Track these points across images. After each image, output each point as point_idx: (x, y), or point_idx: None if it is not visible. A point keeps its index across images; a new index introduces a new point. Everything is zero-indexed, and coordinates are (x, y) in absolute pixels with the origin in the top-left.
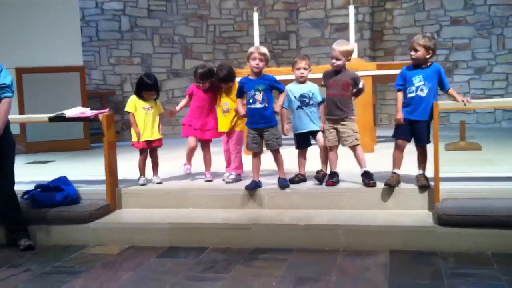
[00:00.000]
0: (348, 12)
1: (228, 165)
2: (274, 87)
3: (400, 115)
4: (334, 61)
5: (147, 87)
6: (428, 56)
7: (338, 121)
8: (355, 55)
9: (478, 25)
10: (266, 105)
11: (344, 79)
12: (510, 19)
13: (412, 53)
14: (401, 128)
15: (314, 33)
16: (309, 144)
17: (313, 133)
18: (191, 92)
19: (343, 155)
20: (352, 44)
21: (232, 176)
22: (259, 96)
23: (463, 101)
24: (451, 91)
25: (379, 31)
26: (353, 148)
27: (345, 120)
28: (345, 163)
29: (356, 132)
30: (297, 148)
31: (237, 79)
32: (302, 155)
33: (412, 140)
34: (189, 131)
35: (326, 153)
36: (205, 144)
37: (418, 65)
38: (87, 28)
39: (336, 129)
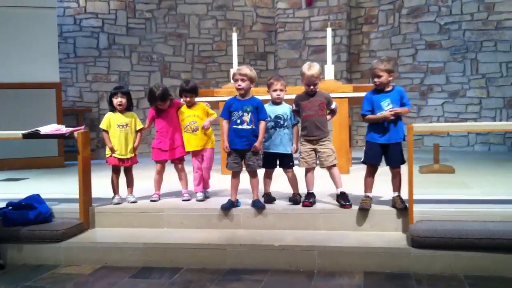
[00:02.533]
0: (326, 35)
1: (198, 184)
2: (258, 112)
3: (387, 113)
4: (311, 87)
5: (113, 93)
6: (390, 79)
7: (317, 141)
8: (331, 76)
9: (452, 50)
10: (253, 126)
11: (319, 99)
12: (484, 44)
13: (376, 79)
14: (372, 153)
15: (292, 54)
16: (275, 166)
17: (281, 156)
18: (152, 116)
19: (318, 176)
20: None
21: (201, 194)
22: (247, 117)
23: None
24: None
25: (356, 53)
26: (330, 168)
27: (323, 140)
28: (320, 184)
29: (334, 152)
30: (263, 167)
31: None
32: (268, 175)
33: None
34: (158, 155)
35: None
36: (179, 164)
37: (381, 89)
38: (65, 44)
39: (314, 150)
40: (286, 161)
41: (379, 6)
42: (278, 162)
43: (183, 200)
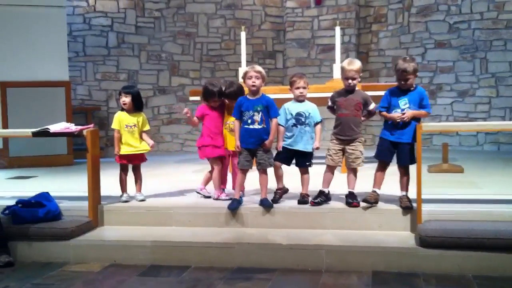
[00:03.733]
0: (335, 34)
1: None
2: (268, 110)
3: (397, 114)
4: (350, 81)
5: (120, 92)
6: (415, 77)
7: (349, 142)
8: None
9: (462, 49)
10: (264, 126)
11: (356, 99)
12: (494, 44)
13: (403, 82)
14: (383, 149)
15: (301, 53)
16: (289, 163)
17: (299, 154)
18: (202, 113)
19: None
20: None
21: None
22: (257, 116)
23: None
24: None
25: (365, 52)
26: (353, 169)
27: (355, 141)
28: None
29: (363, 154)
30: (277, 160)
31: None
32: (278, 169)
33: (395, 160)
34: (213, 152)
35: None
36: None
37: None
38: (74, 43)
39: (343, 150)
40: (304, 160)
41: (388, 5)
42: (294, 161)
43: (205, 197)
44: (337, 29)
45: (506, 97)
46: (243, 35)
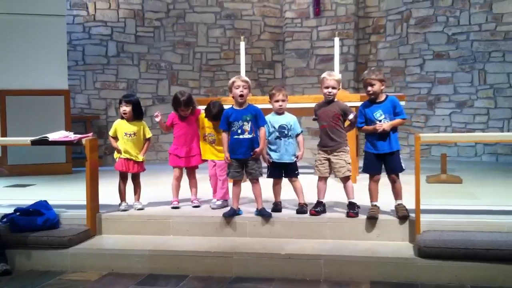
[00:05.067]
0: (333, 44)
1: (215, 192)
2: (257, 119)
3: (378, 125)
4: (330, 90)
5: (119, 101)
6: (382, 88)
7: (332, 151)
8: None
9: (460, 60)
10: (254, 135)
11: (333, 110)
12: (492, 55)
13: (369, 88)
14: (368, 162)
15: (300, 63)
16: (282, 175)
17: (286, 166)
18: (172, 121)
19: (328, 185)
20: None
21: (219, 202)
22: (247, 126)
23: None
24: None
25: (363, 63)
26: (344, 179)
27: (338, 151)
28: (329, 194)
29: (349, 163)
30: (270, 177)
31: None
32: (277, 184)
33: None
34: (174, 161)
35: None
36: (191, 171)
37: (373, 100)
38: (74, 52)
39: (328, 160)
40: (291, 170)
41: (387, 16)
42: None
43: (194, 207)
44: (336, 40)
45: (505, 108)
46: (242, 45)
